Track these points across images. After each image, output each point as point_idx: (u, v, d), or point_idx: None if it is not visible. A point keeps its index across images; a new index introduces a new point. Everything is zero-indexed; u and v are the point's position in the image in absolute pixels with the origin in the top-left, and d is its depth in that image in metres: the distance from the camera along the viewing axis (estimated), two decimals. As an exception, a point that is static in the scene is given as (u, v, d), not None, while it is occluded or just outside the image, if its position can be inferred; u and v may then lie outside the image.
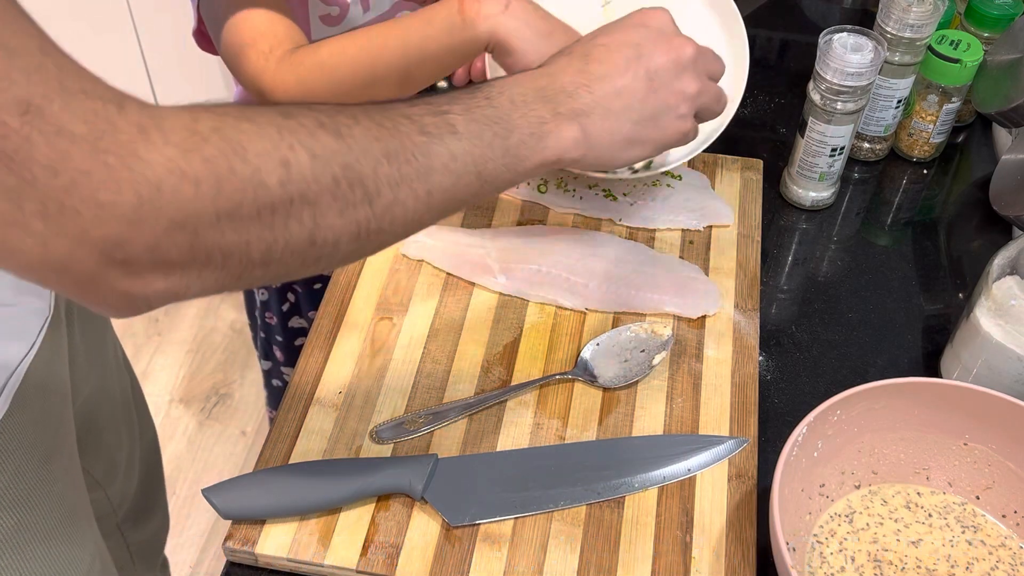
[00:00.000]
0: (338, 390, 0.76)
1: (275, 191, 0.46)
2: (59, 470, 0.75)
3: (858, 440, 0.70)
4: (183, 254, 0.44)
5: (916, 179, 0.99)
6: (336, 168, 0.48)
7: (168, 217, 0.42)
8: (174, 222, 0.43)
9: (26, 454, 0.71)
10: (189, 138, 0.43)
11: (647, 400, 0.76)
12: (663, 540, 0.67)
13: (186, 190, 0.43)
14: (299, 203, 0.47)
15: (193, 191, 0.43)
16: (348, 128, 0.50)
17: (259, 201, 0.45)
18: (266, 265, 0.47)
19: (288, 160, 0.46)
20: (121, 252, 0.42)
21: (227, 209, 0.44)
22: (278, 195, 0.46)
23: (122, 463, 0.94)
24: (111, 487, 0.92)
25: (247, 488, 0.68)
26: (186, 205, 0.43)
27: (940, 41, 0.92)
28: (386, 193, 0.50)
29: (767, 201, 0.94)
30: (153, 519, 1.06)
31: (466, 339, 0.79)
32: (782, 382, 0.80)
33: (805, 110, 0.89)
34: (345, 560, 0.66)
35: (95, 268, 0.42)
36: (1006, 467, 0.69)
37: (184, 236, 0.43)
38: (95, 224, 0.41)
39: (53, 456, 0.74)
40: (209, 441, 1.82)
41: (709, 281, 0.83)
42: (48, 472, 0.73)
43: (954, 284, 0.89)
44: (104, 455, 0.90)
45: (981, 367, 0.74)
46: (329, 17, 0.93)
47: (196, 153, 0.43)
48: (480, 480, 0.70)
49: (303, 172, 0.47)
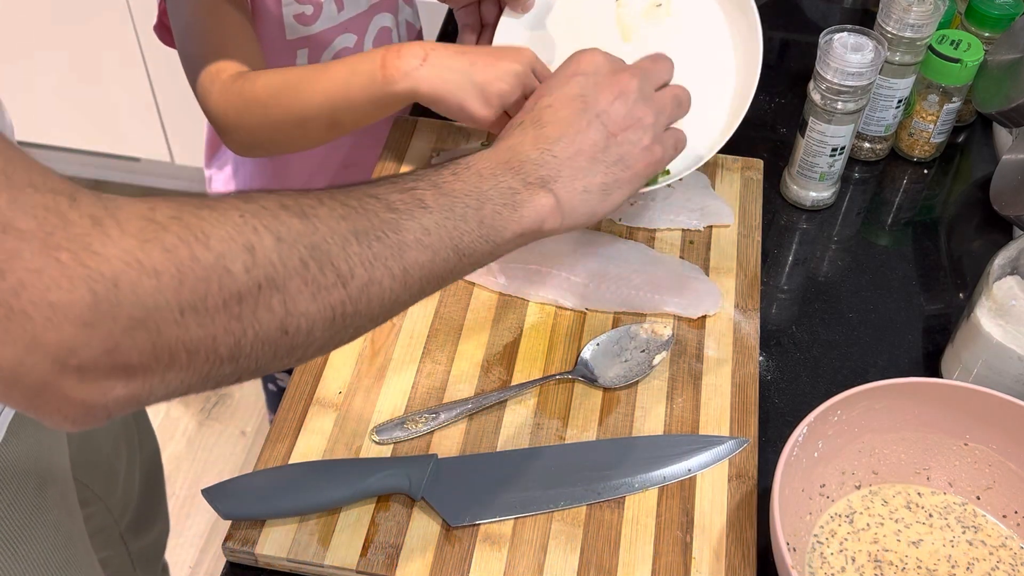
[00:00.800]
0: (338, 390, 0.76)
1: (241, 278, 0.43)
2: (54, 496, 0.74)
3: (858, 440, 0.70)
4: (145, 355, 0.41)
5: (916, 179, 0.99)
6: (303, 249, 0.46)
7: (127, 315, 0.39)
8: (134, 320, 0.40)
9: (20, 484, 0.69)
10: (147, 227, 0.41)
11: (647, 400, 0.76)
12: (663, 540, 0.67)
13: (146, 284, 0.40)
14: (267, 289, 0.44)
15: (153, 284, 0.40)
16: (312, 209, 0.47)
17: (225, 290, 0.42)
18: (235, 360, 0.44)
19: (252, 244, 0.44)
20: (76, 357, 0.39)
21: (191, 301, 0.41)
22: (244, 282, 0.43)
23: (121, 474, 0.93)
24: (111, 498, 0.92)
25: (247, 488, 0.67)
26: (146, 300, 0.40)
27: (941, 41, 0.92)
28: (360, 274, 0.48)
29: (767, 201, 0.94)
30: (155, 526, 1.06)
31: (466, 339, 0.79)
32: (782, 382, 0.80)
33: (805, 110, 0.89)
34: (345, 560, 0.66)
35: (47, 376, 0.39)
36: (1007, 467, 0.69)
37: (145, 335, 0.40)
38: (47, 328, 0.38)
39: (47, 483, 0.73)
40: (209, 441, 1.82)
41: (709, 281, 0.83)
42: (42, 500, 0.72)
43: (954, 284, 0.89)
44: (102, 468, 0.89)
45: (982, 367, 0.74)
46: (303, 16, 0.94)
47: (155, 243, 0.40)
48: (480, 480, 0.70)
49: (269, 256, 0.44)
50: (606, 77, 0.62)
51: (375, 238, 0.49)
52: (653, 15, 0.81)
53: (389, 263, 0.50)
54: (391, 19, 1.02)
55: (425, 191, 0.53)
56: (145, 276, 0.40)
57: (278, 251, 0.45)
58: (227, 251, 0.43)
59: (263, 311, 0.44)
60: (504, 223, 0.56)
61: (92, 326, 0.39)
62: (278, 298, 0.45)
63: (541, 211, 0.57)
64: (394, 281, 0.50)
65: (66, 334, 0.38)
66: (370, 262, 0.49)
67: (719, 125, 0.79)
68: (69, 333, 0.38)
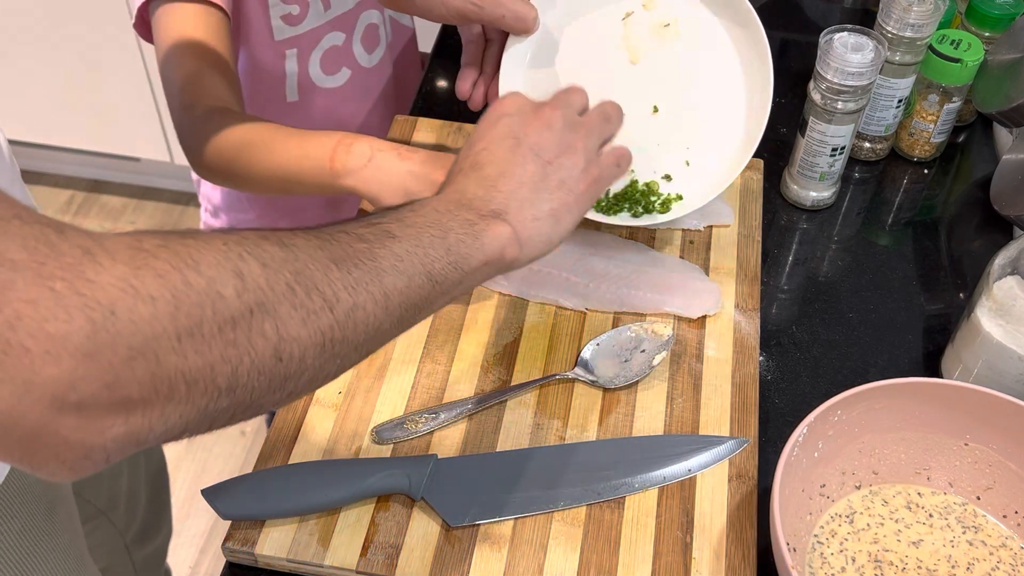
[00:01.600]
0: (338, 390, 0.76)
1: (233, 303, 0.43)
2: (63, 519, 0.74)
3: (859, 440, 0.70)
4: (144, 387, 0.40)
5: (917, 179, 0.99)
6: (288, 275, 0.46)
7: (126, 344, 0.39)
8: (133, 349, 0.39)
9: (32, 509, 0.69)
10: (136, 255, 0.40)
11: (647, 400, 0.76)
12: (663, 540, 0.67)
13: (142, 310, 0.39)
14: (259, 314, 0.44)
15: (150, 311, 0.39)
16: (290, 239, 0.48)
17: (219, 315, 0.42)
18: (232, 391, 0.44)
19: (241, 270, 0.44)
20: (76, 393, 0.38)
21: (187, 327, 0.41)
22: (236, 307, 0.43)
23: (123, 489, 0.93)
24: (114, 512, 0.92)
25: (246, 488, 0.67)
26: (144, 328, 0.39)
27: (941, 41, 0.92)
28: (345, 298, 0.49)
29: (767, 201, 0.94)
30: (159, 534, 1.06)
31: (466, 339, 0.79)
32: (782, 382, 0.80)
33: (805, 110, 0.89)
34: (345, 560, 0.66)
35: (44, 418, 0.38)
36: (1007, 467, 0.69)
37: (145, 365, 0.40)
38: (46, 362, 0.37)
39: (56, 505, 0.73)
40: (208, 441, 1.82)
41: (709, 281, 0.83)
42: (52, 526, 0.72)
43: (955, 284, 0.89)
44: (104, 484, 0.89)
45: (982, 367, 0.74)
46: (290, 16, 0.94)
47: (147, 269, 0.40)
48: (480, 480, 0.69)
49: (257, 280, 0.45)
50: (530, 114, 0.64)
51: (353, 265, 0.50)
52: (661, 35, 0.80)
53: (370, 287, 0.51)
54: (378, 16, 1.02)
55: (390, 224, 0.55)
56: (141, 302, 0.39)
57: (265, 276, 0.45)
58: (217, 276, 0.43)
59: (257, 336, 0.44)
60: (469, 251, 0.57)
61: (92, 357, 0.38)
62: (270, 322, 0.45)
63: (500, 239, 0.59)
64: (376, 306, 0.51)
65: (65, 368, 0.37)
66: (352, 287, 0.49)
67: (734, 148, 0.78)
68: (68, 366, 0.37)
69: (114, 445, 0.41)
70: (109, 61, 1.88)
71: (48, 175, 2.25)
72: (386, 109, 1.09)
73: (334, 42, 0.99)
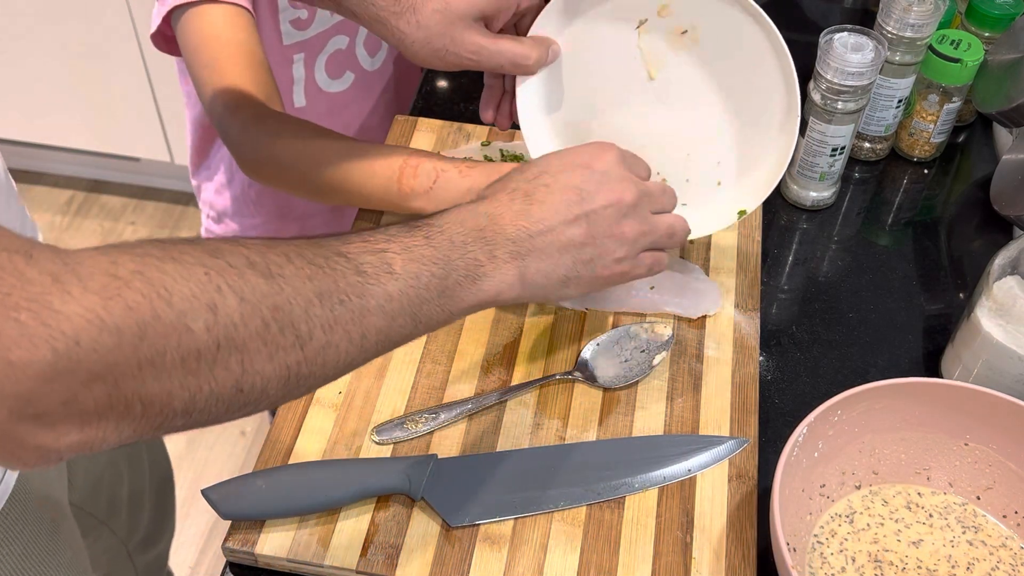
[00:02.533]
0: (338, 390, 0.76)
1: (201, 337, 0.43)
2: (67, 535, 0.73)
3: (859, 440, 0.70)
4: (101, 405, 0.41)
5: (917, 179, 0.99)
6: (266, 311, 0.46)
7: (86, 369, 0.39)
8: (92, 374, 0.40)
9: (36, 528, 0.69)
10: (110, 284, 0.40)
11: (647, 400, 0.76)
12: (663, 541, 0.67)
13: (106, 341, 0.40)
14: (226, 348, 0.44)
15: (114, 341, 0.40)
16: (279, 267, 0.48)
17: (183, 348, 0.42)
18: (188, 414, 0.45)
19: (215, 304, 0.44)
20: (33, 407, 0.39)
21: (149, 357, 0.41)
22: (204, 341, 0.43)
23: (124, 499, 0.93)
24: (115, 521, 0.91)
25: (247, 488, 0.67)
26: (106, 356, 0.40)
27: (941, 41, 0.92)
28: (319, 336, 0.48)
29: (767, 201, 0.93)
30: (162, 541, 1.05)
31: (466, 339, 0.79)
32: (782, 382, 0.80)
33: (805, 110, 0.89)
34: (345, 560, 0.66)
35: (4, 424, 0.39)
36: (1007, 467, 0.69)
37: (103, 387, 0.40)
38: (6, 383, 0.38)
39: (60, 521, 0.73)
40: (208, 441, 1.82)
41: (709, 281, 0.83)
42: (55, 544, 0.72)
43: (955, 284, 0.89)
44: (103, 495, 0.89)
45: (982, 367, 0.74)
46: (299, 20, 0.94)
47: (118, 300, 0.40)
48: (480, 480, 0.69)
49: (231, 316, 0.44)
50: (611, 182, 0.63)
51: (338, 301, 0.50)
52: (678, 44, 0.74)
53: (349, 327, 0.50)
54: None
55: (395, 255, 0.54)
56: (106, 334, 0.40)
57: (240, 311, 0.45)
58: (189, 309, 0.43)
59: (220, 370, 0.44)
60: (463, 294, 0.57)
61: (52, 381, 0.39)
62: (236, 357, 0.45)
63: (500, 285, 0.59)
64: (351, 345, 0.51)
65: (24, 388, 0.38)
66: (330, 326, 0.49)
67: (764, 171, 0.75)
68: (28, 387, 0.38)
69: (68, 449, 0.42)
70: (109, 61, 1.88)
71: (48, 175, 2.25)
72: (386, 110, 1.09)
73: (338, 46, 0.99)
